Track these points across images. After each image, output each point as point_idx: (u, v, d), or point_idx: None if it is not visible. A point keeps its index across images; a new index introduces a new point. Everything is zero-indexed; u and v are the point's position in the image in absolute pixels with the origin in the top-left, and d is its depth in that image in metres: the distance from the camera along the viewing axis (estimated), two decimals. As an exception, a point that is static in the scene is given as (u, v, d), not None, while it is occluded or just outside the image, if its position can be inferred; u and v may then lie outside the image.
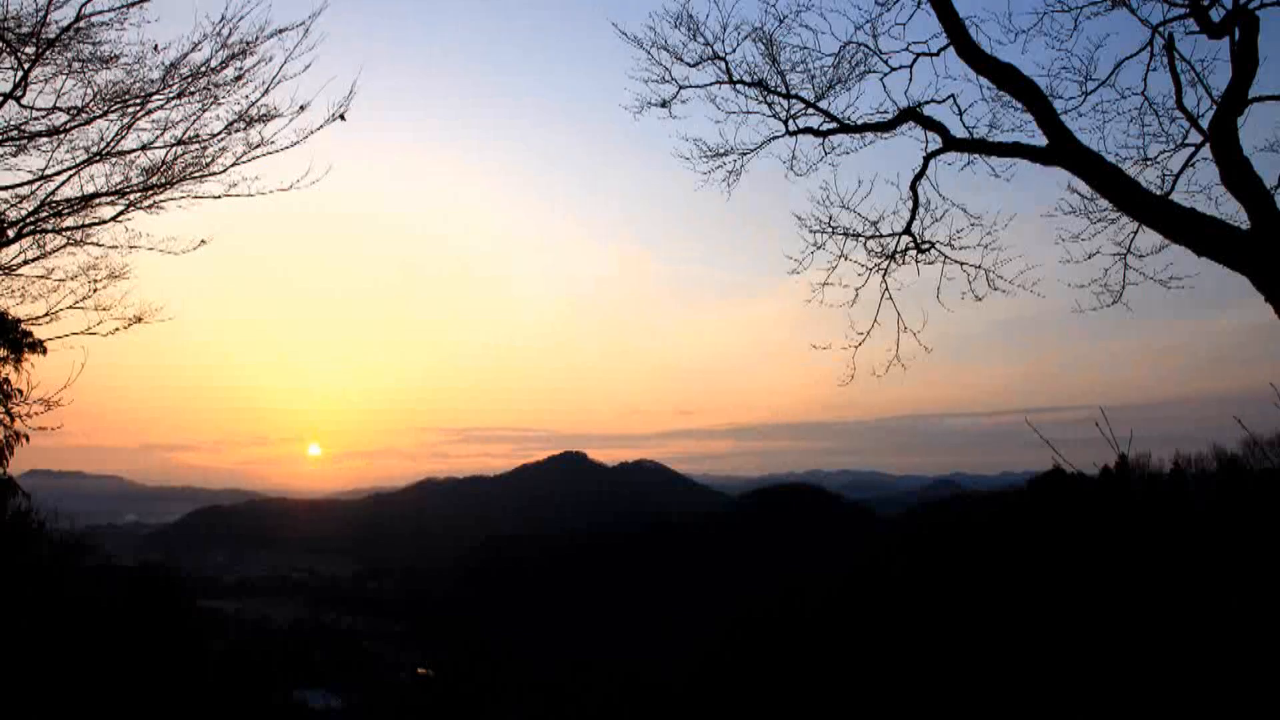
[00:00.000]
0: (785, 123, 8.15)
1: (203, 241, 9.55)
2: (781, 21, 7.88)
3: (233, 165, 9.00)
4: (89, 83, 8.49)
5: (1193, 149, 7.72)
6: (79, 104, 8.48)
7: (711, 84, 8.21)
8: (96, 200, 8.97)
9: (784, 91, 8.01)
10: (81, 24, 8.01)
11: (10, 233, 8.88)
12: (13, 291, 9.56)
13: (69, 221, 9.15)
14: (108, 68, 8.47)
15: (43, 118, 8.48)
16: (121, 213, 9.08)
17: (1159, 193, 7.44)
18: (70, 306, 9.71)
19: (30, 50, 8.04)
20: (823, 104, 7.98)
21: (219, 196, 9.21)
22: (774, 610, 50.13)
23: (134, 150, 8.80)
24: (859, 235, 8.21)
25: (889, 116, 7.79)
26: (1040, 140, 6.97)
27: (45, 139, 8.55)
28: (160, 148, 8.85)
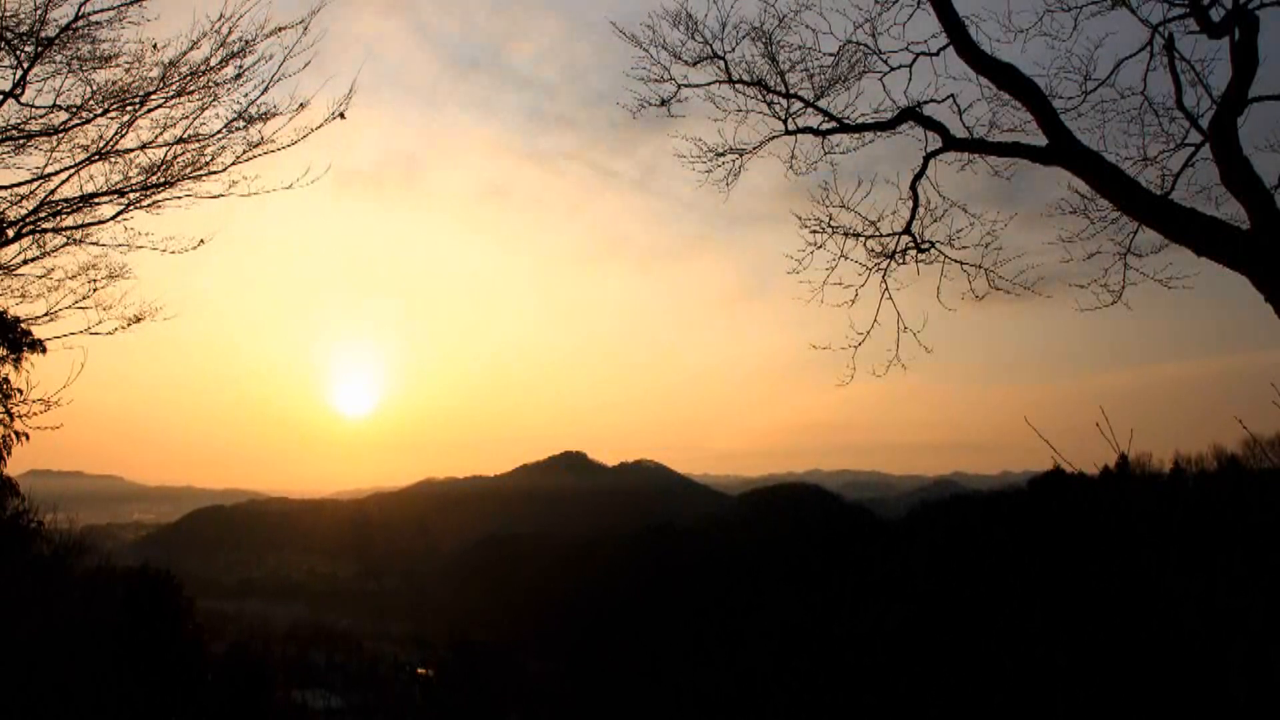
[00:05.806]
0: (785, 122, 8.14)
1: (202, 241, 9.55)
2: (781, 21, 7.88)
3: (232, 164, 9.00)
4: (88, 81, 8.50)
5: (1193, 149, 7.72)
6: (78, 103, 8.48)
7: (711, 83, 8.20)
8: (96, 200, 8.97)
9: (783, 91, 8.00)
10: (80, 23, 8.02)
11: (10, 232, 8.88)
12: (13, 291, 9.57)
13: (69, 221, 9.15)
14: (107, 66, 8.48)
15: (42, 117, 8.48)
16: (121, 212, 9.08)
17: (1159, 193, 7.43)
18: (70, 306, 9.73)
19: (29, 49, 8.04)
20: (822, 103, 7.98)
21: (219, 196, 9.21)
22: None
23: (133, 149, 8.80)
24: (859, 235, 8.20)
25: (889, 116, 7.79)
26: (1040, 140, 6.98)
27: (45, 138, 8.55)
28: (160, 147, 8.85)
